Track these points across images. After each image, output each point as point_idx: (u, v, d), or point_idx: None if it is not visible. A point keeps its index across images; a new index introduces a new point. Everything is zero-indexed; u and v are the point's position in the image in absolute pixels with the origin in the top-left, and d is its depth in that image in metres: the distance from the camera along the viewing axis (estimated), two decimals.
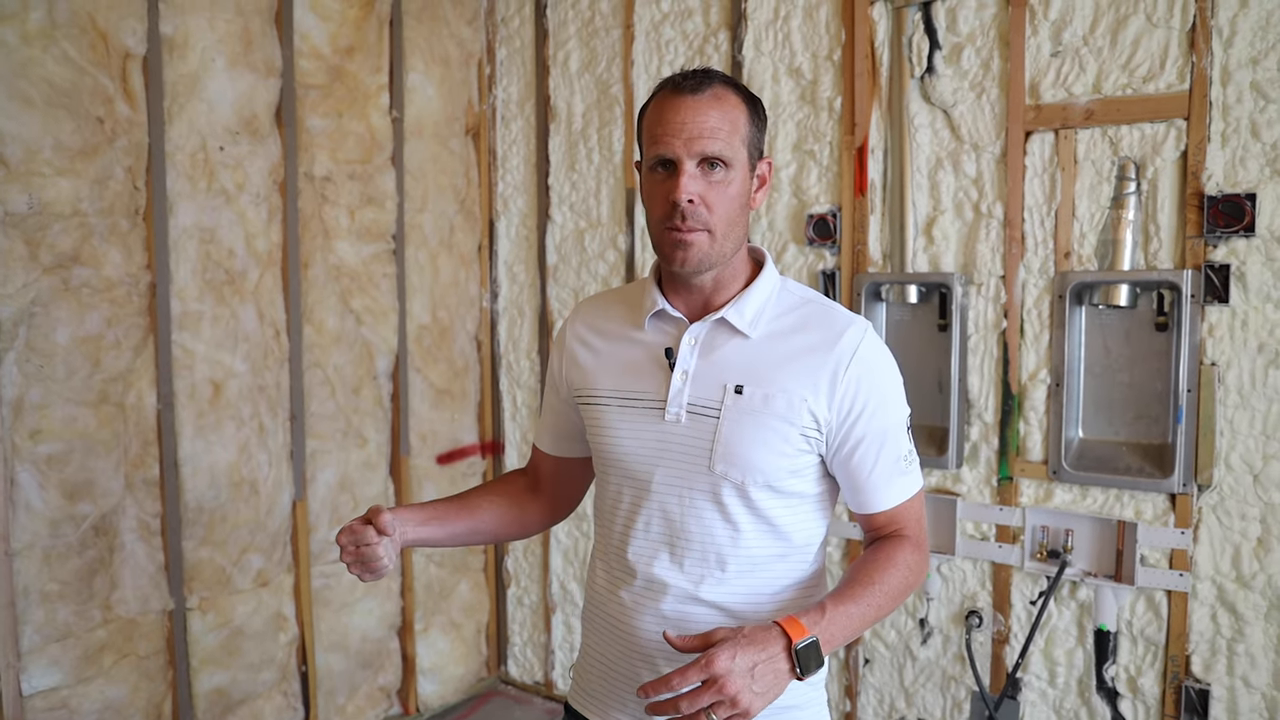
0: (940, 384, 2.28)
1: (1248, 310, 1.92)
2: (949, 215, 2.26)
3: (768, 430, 1.12)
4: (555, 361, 1.33)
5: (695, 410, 1.15)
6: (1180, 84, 1.97)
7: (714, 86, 1.12)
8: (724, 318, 1.17)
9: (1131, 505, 2.06)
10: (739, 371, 1.15)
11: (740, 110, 1.14)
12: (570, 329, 1.31)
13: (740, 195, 1.14)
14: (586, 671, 1.29)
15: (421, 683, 2.94)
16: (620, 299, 1.30)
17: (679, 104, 1.11)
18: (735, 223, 1.14)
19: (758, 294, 1.18)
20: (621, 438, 1.20)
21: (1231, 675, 1.98)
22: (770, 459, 1.13)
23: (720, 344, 1.17)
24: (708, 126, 1.10)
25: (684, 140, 1.09)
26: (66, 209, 2.05)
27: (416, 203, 2.86)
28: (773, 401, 1.13)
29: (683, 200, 1.09)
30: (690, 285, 1.18)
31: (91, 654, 2.13)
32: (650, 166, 1.14)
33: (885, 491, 1.18)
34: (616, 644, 1.22)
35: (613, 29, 2.81)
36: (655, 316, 1.21)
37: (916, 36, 2.27)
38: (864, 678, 2.44)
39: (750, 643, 0.99)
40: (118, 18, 2.11)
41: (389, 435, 2.82)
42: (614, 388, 1.22)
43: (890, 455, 1.17)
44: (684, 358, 1.17)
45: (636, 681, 1.18)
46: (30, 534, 2.02)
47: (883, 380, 1.16)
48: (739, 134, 1.12)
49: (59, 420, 2.07)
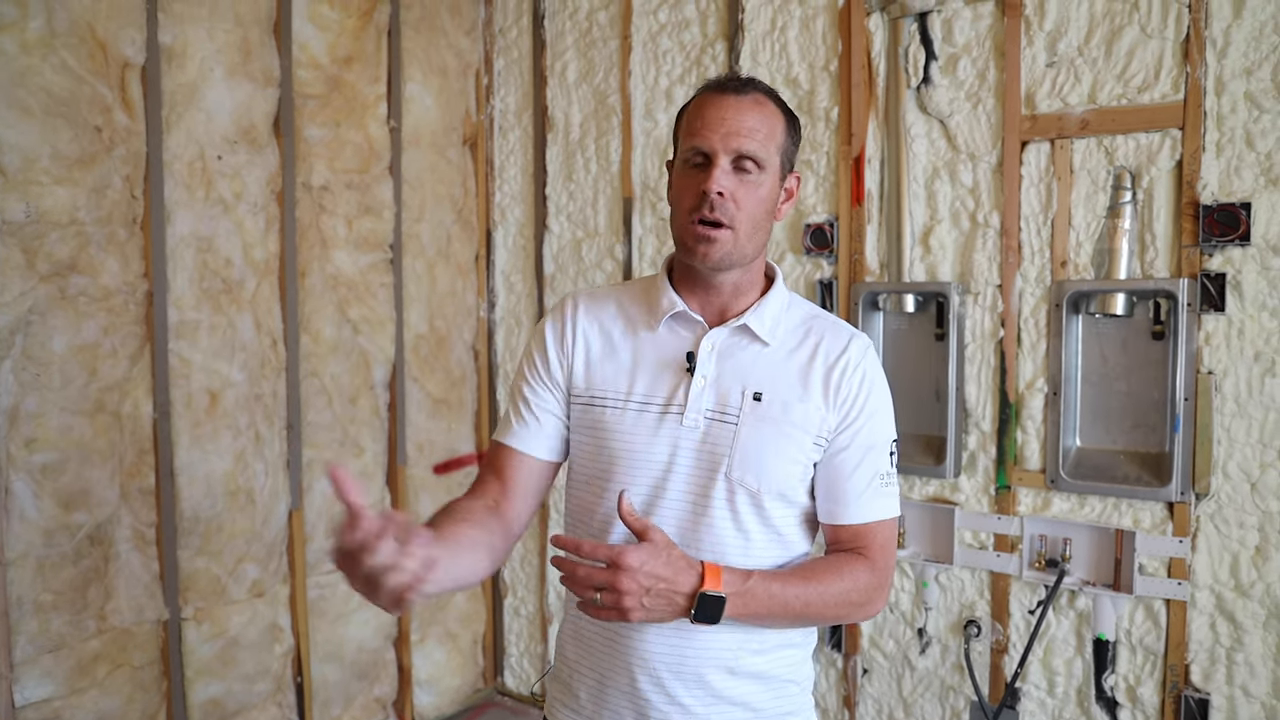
0: (937, 393, 2.28)
1: (1244, 319, 1.93)
2: (946, 225, 2.27)
3: (785, 439, 1.14)
4: (551, 354, 1.23)
5: (714, 417, 1.15)
6: (1175, 94, 1.98)
7: (756, 92, 1.15)
8: (746, 324, 1.17)
9: (1129, 514, 2.06)
10: (757, 379, 1.15)
11: (778, 119, 1.16)
12: (570, 322, 1.24)
13: (768, 200, 1.15)
14: (571, 685, 1.24)
15: (418, 694, 2.92)
16: (630, 298, 1.25)
17: (721, 102, 1.13)
18: (760, 226, 1.15)
19: (774, 304, 1.20)
20: (635, 442, 1.16)
21: (1231, 684, 1.97)
22: (786, 467, 1.14)
23: (739, 351, 1.17)
24: (746, 126, 1.11)
25: (721, 135, 1.11)
26: (64, 218, 2.05)
27: (414, 212, 2.87)
28: (791, 410, 1.14)
29: (713, 191, 1.10)
30: (710, 288, 1.18)
31: (85, 665, 2.11)
32: (684, 160, 1.15)
33: (856, 504, 1.16)
34: (613, 658, 1.18)
35: (610, 40, 2.82)
36: (672, 319, 1.20)
37: (913, 47, 2.28)
38: (862, 688, 2.43)
39: (667, 564, 1.02)
40: (117, 27, 2.11)
41: (386, 445, 2.81)
42: (628, 390, 1.18)
43: (868, 470, 1.16)
44: (703, 362, 1.16)
45: (635, 692, 1.16)
46: (24, 543, 2.01)
47: (876, 397, 1.18)
48: (775, 140, 1.14)
49: (55, 429, 2.06)
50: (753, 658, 1.16)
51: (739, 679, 1.16)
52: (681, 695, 1.15)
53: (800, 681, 1.23)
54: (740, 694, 1.16)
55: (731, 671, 1.15)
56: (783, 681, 1.20)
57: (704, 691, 1.15)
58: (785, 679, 1.20)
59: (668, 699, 1.15)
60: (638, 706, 1.16)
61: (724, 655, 1.15)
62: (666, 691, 1.15)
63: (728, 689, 1.16)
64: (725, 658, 1.15)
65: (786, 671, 1.20)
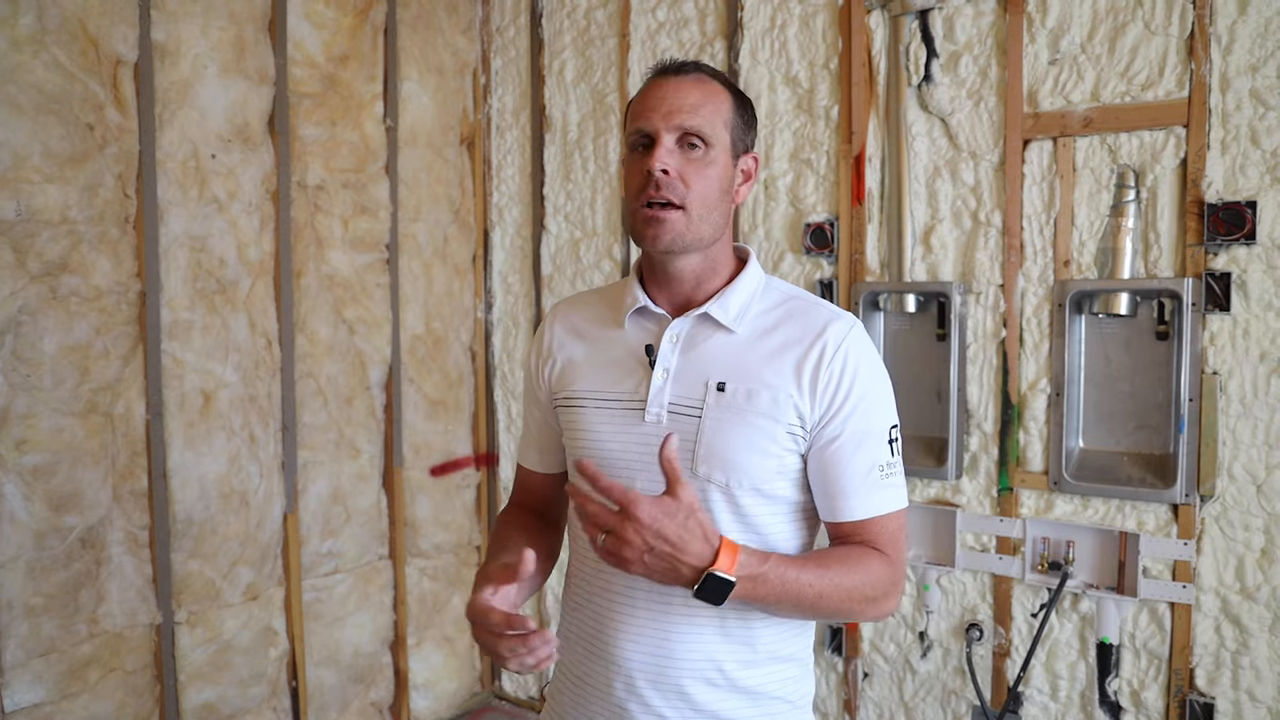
0: (939, 394, 2.26)
1: (1249, 319, 1.91)
2: (947, 224, 2.24)
3: (752, 428, 1.07)
4: (533, 366, 1.26)
5: (676, 410, 1.10)
6: (1179, 91, 1.96)
7: (698, 72, 1.12)
8: (707, 313, 1.13)
9: (1133, 516, 2.04)
10: (721, 368, 1.10)
11: (724, 96, 1.12)
12: (548, 331, 1.25)
13: (720, 179, 1.10)
14: (559, 693, 1.21)
15: (414, 698, 2.90)
16: (600, 298, 1.25)
17: (662, 83, 1.11)
18: (714, 205, 1.10)
19: (742, 289, 1.14)
20: (602, 441, 1.13)
21: (1236, 689, 1.95)
22: (755, 459, 1.08)
23: (703, 340, 1.13)
24: (688, 103, 1.09)
25: (663, 114, 1.08)
26: (55, 216, 2.03)
27: (410, 212, 2.84)
28: (756, 398, 1.08)
29: (656, 169, 1.06)
30: (671, 279, 1.14)
31: (77, 669, 2.09)
32: (630, 146, 1.12)
33: (855, 499, 1.09)
34: (592, 660, 1.15)
35: (608, 38, 2.80)
36: (636, 313, 1.17)
37: (914, 45, 2.26)
38: (863, 692, 2.41)
39: (681, 528, 0.95)
40: (109, 24, 2.09)
41: (382, 446, 2.78)
42: (593, 388, 1.16)
43: (865, 460, 1.09)
44: (665, 355, 1.12)
45: (612, 700, 1.11)
46: (15, 546, 1.98)
47: (866, 380, 1.10)
48: (721, 116, 1.10)
49: (45, 430, 2.03)
50: (739, 670, 1.11)
51: (721, 692, 1.10)
52: (660, 706, 1.10)
53: (792, 699, 1.16)
54: (723, 709, 1.10)
55: (713, 684, 1.10)
56: (771, 699, 1.13)
57: (683, 703, 1.10)
58: (774, 696, 1.13)
59: (644, 708, 1.10)
60: (615, 716, 1.12)
61: (704, 667, 1.09)
62: (644, 701, 1.10)
63: (709, 702, 1.10)
64: (705, 669, 1.10)
65: (777, 688, 1.14)
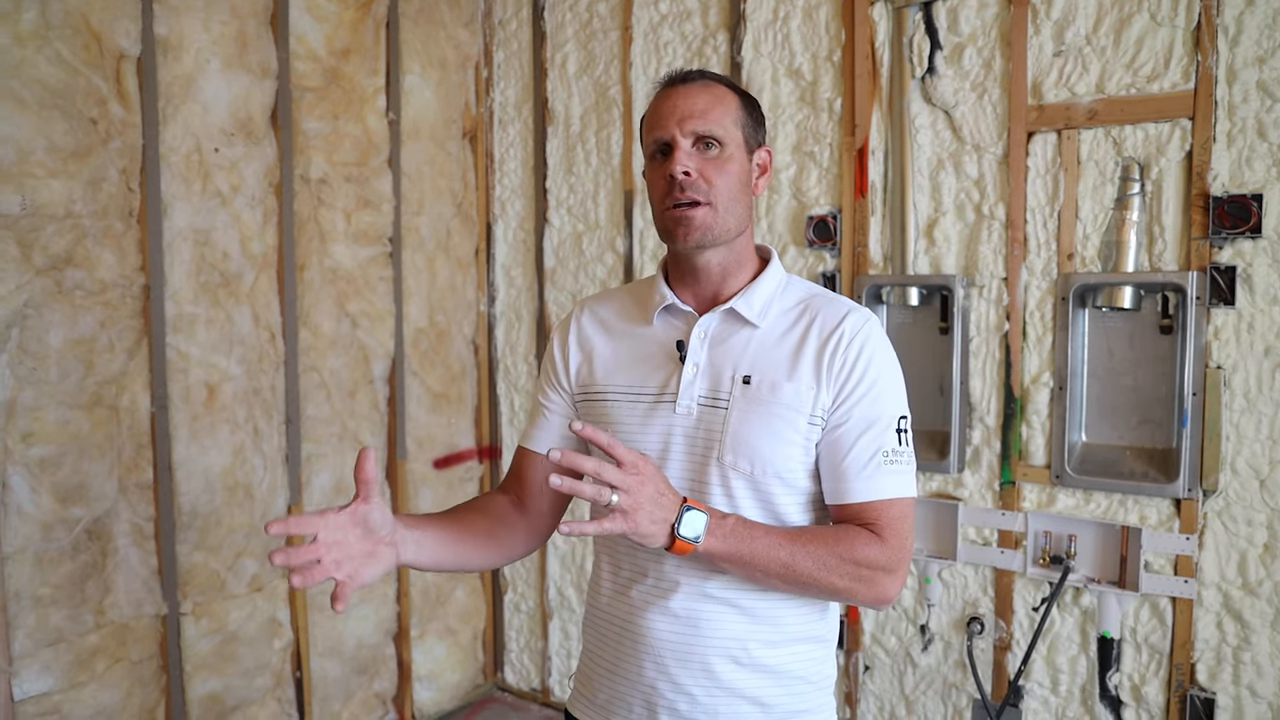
0: (942, 387, 2.25)
1: (1254, 313, 1.90)
2: (950, 217, 2.23)
3: (776, 419, 1.12)
4: (557, 359, 1.30)
5: (705, 402, 1.16)
6: (1185, 83, 1.94)
7: (703, 79, 1.19)
8: (733, 308, 1.18)
9: (1136, 510, 2.03)
10: (747, 361, 1.16)
11: (730, 97, 1.18)
12: (576, 326, 1.30)
13: (739, 174, 1.17)
14: (590, 677, 1.26)
15: (418, 689, 2.92)
16: (627, 295, 1.30)
17: (671, 93, 1.18)
18: (736, 199, 1.16)
19: (765, 286, 1.20)
20: (632, 433, 1.18)
21: (1238, 684, 1.94)
22: (779, 448, 1.12)
23: (729, 335, 1.18)
24: (698, 108, 1.15)
25: (676, 121, 1.15)
26: (60, 210, 2.04)
27: (413, 206, 2.85)
28: (779, 390, 1.13)
29: (678, 172, 1.13)
30: (698, 276, 1.20)
31: (84, 659, 2.11)
32: (650, 157, 1.19)
33: (857, 481, 1.11)
34: (623, 645, 1.19)
35: (611, 31, 2.79)
36: (664, 311, 1.23)
37: (917, 37, 2.24)
38: (864, 685, 2.41)
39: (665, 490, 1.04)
40: (112, 18, 2.10)
41: (385, 439, 2.80)
42: (624, 383, 1.21)
43: (870, 445, 1.12)
44: (694, 350, 1.18)
45: (643, 683, 1.17)
46: (22, 538, 2.00)
47: (877, 370, 1.14)
48: (730, 116, 1.17)
49: (51, 423, 2.05)
50: (763, 650, 1.15)
51: (746, 671, 1.14)
52: (687, 683, 1.14)
53: (815, 680, 1.20)
54: (748, 687, 1.15)
55: (738, 662, 1.14)
56: (794, 678, 1.17)
57: (710, 681, 1.14)
58: (797, 675, 1.17)
59: (674, 687, 1.15)
60: (646, 695, 1.17)
61: (730, 645, 1.14)
62: (673, 679, 1.15)
63: (734, 680, 1.14)
64: (731, 647, 1.14)
65: (801, 668, 1.18)
